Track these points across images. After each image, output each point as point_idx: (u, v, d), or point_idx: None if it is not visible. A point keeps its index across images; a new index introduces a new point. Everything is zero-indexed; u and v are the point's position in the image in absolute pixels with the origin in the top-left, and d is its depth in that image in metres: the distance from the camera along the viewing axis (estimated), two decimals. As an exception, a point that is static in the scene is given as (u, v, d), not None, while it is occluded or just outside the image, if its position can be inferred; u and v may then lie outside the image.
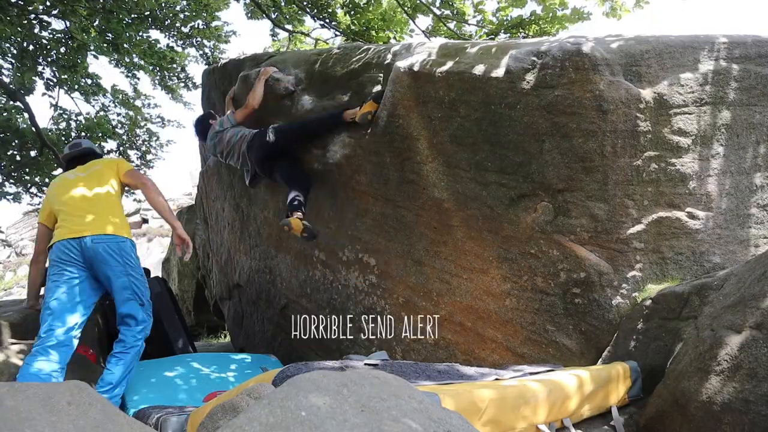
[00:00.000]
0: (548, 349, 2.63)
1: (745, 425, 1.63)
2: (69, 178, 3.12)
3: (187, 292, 7.49)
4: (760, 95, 2.61)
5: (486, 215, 2.78)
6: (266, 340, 4.52)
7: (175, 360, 3.47)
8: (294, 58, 4.11)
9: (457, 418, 1.18)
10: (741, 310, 1.79)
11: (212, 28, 7.84)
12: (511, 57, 2.64)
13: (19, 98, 6.52)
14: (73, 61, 6.59)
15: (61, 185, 3.09)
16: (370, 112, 3.22)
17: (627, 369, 2.26)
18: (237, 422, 1.02)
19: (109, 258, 2.82)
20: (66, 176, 3.16)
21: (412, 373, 1.97)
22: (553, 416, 1.91)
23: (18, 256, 19.84)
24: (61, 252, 2.80)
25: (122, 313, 2.84)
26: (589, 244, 2.53)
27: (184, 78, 8.40)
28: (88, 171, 3.13)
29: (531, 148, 2.59)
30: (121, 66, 7.94)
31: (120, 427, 1.19)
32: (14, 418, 1.07)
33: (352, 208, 3.48)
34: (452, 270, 2.96)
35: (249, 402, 1.41)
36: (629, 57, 2.50)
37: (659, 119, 2.49)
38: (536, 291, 2.66)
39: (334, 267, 3.65)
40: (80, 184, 3.03)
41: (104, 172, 3.12)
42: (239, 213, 4.76)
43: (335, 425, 1.01)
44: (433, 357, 3.04)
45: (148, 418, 2.31)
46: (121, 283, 2.83)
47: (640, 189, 2.49)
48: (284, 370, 1.70)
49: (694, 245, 2.52)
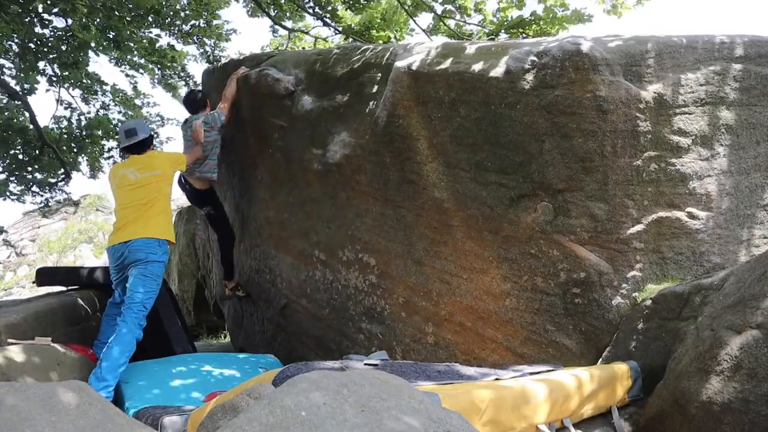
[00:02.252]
0: (548, 349, 2.63)
1: (745, 425, 1.63)
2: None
3: (187, 292, 7.48)
4: (760, 95, 2.61)
5: (486, 215, 2.78)
6: (266, 340, 4.52)
7: (175, 360, 3.47)
8: (294, 58, 4.12)
9: (457, 418, 1.18)
10: (741, 310, 1.79)
11: (213, 26, 7.83)
12: (511, 57, 2.64)
13: (20, 97, 6.52)
14: (75, 59, 6.58)
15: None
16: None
17: (627, 369, 2.26)
18: (237, 422, 1.02)
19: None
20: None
21: (412, 373, 1.97)
22: (553, 416, 1.91)
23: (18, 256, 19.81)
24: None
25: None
26: (589, 244, 2.53)
27: (185, 76, 8.40)
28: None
29: (531, 148, 2.59)
30: (122, 64, 7.93)
31: (120, 427, 1.19)
32: (14, 418, 1.07)
33: (352, 208, 3.48)
34: (452, 270, 2.96)
35: (249, 402, 1.41)
36: (629, 57, 2.50)
37: (659, 119, 2.48)
38: (536, 291, 2.66)
39: (334, 267, 3.65)
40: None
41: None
42: (239, 213, 4.76)
43: (335, 425, 1.01)
44: (433, 357, 3.04)
45: (148, 418, 2.31)
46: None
47: (640, 189, 2.49)
48: (284, 370, 1.70)
49: (694, 245, 2.52)
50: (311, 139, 3.70)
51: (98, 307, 4.17)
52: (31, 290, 13.66)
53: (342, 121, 3.48)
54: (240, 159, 4.61)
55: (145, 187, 3.39)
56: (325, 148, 3.54)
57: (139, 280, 3.20)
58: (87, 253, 17.27)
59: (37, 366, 2.85)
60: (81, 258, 16.92)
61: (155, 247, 3.28)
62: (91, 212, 19.50)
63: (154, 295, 3.28)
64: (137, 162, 3.50)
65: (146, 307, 3.21)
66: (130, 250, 3.24)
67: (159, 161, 3.55)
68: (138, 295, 3.18)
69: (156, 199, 3.39)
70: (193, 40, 7.90)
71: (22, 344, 3.04)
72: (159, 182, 3.43)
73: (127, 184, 3.42)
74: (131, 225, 3.30)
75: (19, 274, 18.37)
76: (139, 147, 3.56)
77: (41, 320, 3.50)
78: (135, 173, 3.42)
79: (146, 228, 3.28)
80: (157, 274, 3.30)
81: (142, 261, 3.23)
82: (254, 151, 4.34)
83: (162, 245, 3.32)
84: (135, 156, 3.55)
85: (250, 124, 4.29)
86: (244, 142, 4.45)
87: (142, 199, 3.35)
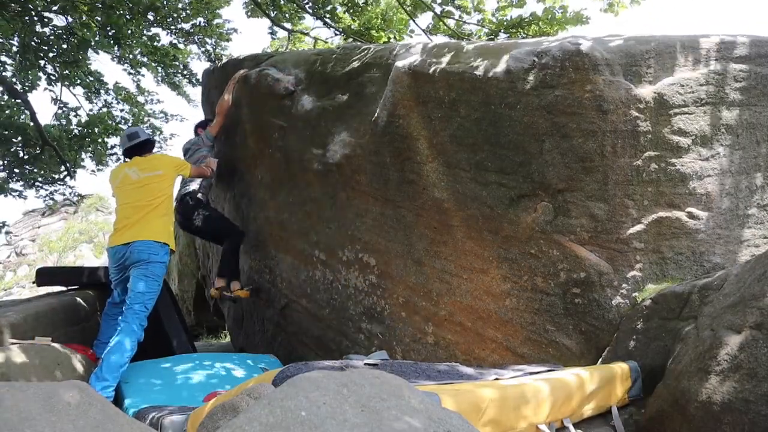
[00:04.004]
0: (548, 349, 2.63)
1: (745, 425, 1.63)
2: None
3: (187, 292, 7.48)
4: (760, 95, 2.61)
5: (486, 215, 2.78)
6: (266, 340, 4.52)
7: (175, 360, 3.47)
8: (294, 58, 4.12)
9: (457, 418, 1.18)
10: (741, 310, 1.79)
11: (213, 25, 7.83)
12: (511, 57, 2.64)
13: (20, 95, 6.51)
14: (75, 57, 6.58)
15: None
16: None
17: (627, 369, 2.26)
18: (237, 422, 1.02)
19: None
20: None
21: (412, 373, 1.97)
22: (553, 416, 1.91)
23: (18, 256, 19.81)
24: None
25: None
26: (589, 244, 2.53)
27: (188, 74, 8.39)
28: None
29: (531, 148, 2.59)
30: (124, 62, 7.93)
31: (120, 427, 1.19)
32: (14, 418, 1.07)
33: (352, 208, 3.48)
34: (452, 270, 2.96)
35: (249, 402, 1.41)
36: (629, 57, 2.50)
37: (659, 119, 2.48)
38: (536, 291, 2.66)
39: (334, 267, 3.65)
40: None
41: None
42: (239, 213, 4.76)
43: (335, 425, 1.01)
44: (433, 357, 3.04)
45: (148, 418, 2.31)
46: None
47: (640, 189, 2.49)
48: (284, 370, 1.70)
49: (694, 245, 2.52)
50: (311, 139, 3.70)
51: (98, 307, 4.17)
52: (31, 290, 13.66)
53: (342, 121, 3.48)
54: (240, 159, 4.61)
55: (146, 187, 3.41)
56: (325, 148, 3.54)
57: (140, 280, 3.21)
58: (87, 253, 17.29)
59: (37, 366, 2.85)
60: (81, 258, 16.92)
61: (157, 249, 3.30)
62: (92, 212, 19.51)
63: (155, 296, 3.29)
64: (140, 162, 3.53)
65: (147, 307, 3.22)
66: (131, 252, 3.26)
67: (161, 162, 3.57)
68: (139, 295, 3.19)
69: (158, 200, 3.40)
70: (193, 39, 7.89)
71: (23, 344, 3.04)
72: (161, 182, 3.45)
73: (128, 183, 3.44)
74: (133, 226, 3.31)
75: (19, 274, 18.37)
76: (141, 148, 3.61)
77: (41, 320, 3.50)
78: (137, 173, 3.45)
79: (148, 231, 3.29)
80: (159, 275, 3.31)
81: (144, 261, 3.24)
82: (254, 151, 4.33)
83: (163, 247, 3.35)
84: (137, 158, 3.59)
85: (250, 124, 4.29)
86: (244, 142, 4.45)
87: (143, 199, 3.37)
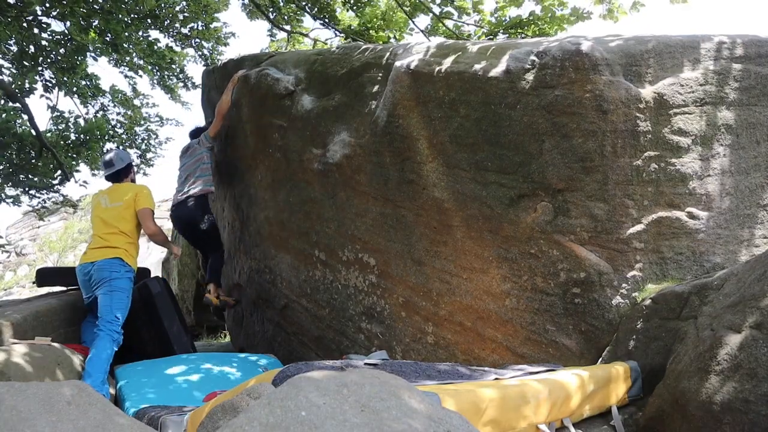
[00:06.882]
0: (548, 349, 2.63)
1: (745, 425, 1.63)
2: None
3: (187, 292, 7.48)
4: (760, 95, 2.61)
5: (486, 215, 2.78)
6: (266, 340, 4.52)
7: (175, 360, 3.47)
8: (294, 58, 4.11)
9: (457, 418, 1.18)
10: (741, 310, 1.79)
11: (211, 29, 7.84)
12: (510, 57, 2.64)
13: (18, 100, 6.50)
14: (73, 63, 6.59)
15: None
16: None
17: (627, 369, 2.26)
18: (237, 422, 1.02)
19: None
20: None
21: (412, 373, 1.97)
22: (553, 416, 1.91)
23: (18, 256, 19.81)
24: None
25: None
26: (589, 244, 2.53)
27: (183, 78, 8.40)
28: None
29: (531, 148, 2.59)
30: (121, 66, 7.94)
31: (120, 427, 1.19)
32: (14, 418, 1.07)
33: (352, 208, 3.48)
34: (452, 270, 2.96)
35: (249, 402, 1.41)
36: (629, 57, 2.50)
37: (659, 119, 2.48)
38: (536, 291, 2.66)
39: (334, 267, 3.65)
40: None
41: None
42: (239, 213, 4.76)
43: (335, 425, 1.01)
44: (433, 357, 3.04)
45: (148, 418, 2.31)
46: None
47: (640, 189, 2.49)
48: (284, 370, 1.70)
49: (694, 245, 2.52)
50: (311, 139, 3.70)
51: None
52: (31, 290, 13.66)
53: (342, 121, 3.48)
54: (240, 159, 4.61)
55: (112, 216, 3.64)
56: (325, 148, 3.54)
57: (107, 297, 3.39)
58: (87, 253, 17.23)
59: (37, 366, 2.85)
60: (81, 258, 16.88)
61: (118, 266, 3.49)
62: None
63: (124, 306, 3.44)
64: (112, 190, 3.80)
65: (119, 317, 3.36)
66: (95, 269, 3.47)
67: (125, 193, 3.75)
68: (108, 308, 3.34)
69: (124, 227, 3.63)
70: (191, 43, 7.91)
71: (23, 344, 3.04)
72: (123, 212, 3.66)
73: (100, 210, 3.71)
74: (98, 248, 3.55)
75: (19, 274, 18.38)
76: (116, 176, 3.89)
77: (41, 320, 3.51)
78: (107, 201, 3.72)
79: (112, 252, 3.53)
80: (124, 288, 3.46)
81: (107, 279, 3.42)
82: (254, 151, 4.33)
83: (125, 265, 3.53)
84: (113, 184, 3.87)
85: (250, 124, 4.29)
86: (244, 142, 4.45)
87: (110, 227, 3.60)
